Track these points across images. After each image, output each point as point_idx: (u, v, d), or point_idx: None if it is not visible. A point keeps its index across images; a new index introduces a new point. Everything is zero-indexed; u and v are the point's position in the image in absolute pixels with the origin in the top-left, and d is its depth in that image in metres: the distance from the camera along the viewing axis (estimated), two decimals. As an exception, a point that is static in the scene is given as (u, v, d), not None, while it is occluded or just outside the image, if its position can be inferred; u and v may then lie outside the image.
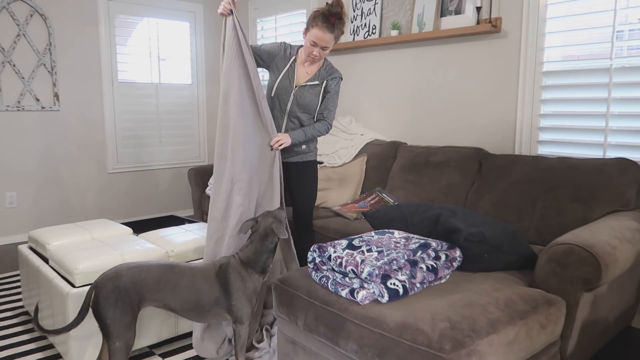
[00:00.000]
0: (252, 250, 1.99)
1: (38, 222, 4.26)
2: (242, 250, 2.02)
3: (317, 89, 2.54)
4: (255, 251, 1.98)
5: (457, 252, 1.89)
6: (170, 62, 4.90)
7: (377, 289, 1.63)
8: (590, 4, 2.65)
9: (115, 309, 1.76)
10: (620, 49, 2.57)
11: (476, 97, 3.15)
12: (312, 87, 2.54)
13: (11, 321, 2.64)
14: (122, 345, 1.77)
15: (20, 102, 4.06)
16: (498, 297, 1.64)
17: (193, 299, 1.90)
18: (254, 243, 2.00)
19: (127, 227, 2.80)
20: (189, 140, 5.12)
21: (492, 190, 2.65)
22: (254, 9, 4.85)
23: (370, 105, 3.83)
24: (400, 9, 3.50)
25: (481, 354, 1.39)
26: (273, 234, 2.00)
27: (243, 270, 1.97)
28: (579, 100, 2.71)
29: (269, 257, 2.01)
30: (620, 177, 2.29)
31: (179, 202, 5.11)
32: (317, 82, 2.54)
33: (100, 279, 1.81)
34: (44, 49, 4.14)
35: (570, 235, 1.84)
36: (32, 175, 4.19)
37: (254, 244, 1.99)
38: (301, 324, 1.83)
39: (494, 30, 2.94)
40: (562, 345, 1.78)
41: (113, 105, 4.55)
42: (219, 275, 1.95)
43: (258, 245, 1.99)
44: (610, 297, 2.00)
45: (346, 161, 3.49)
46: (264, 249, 1.99)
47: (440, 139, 3.38)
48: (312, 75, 2.55)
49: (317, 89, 2.54)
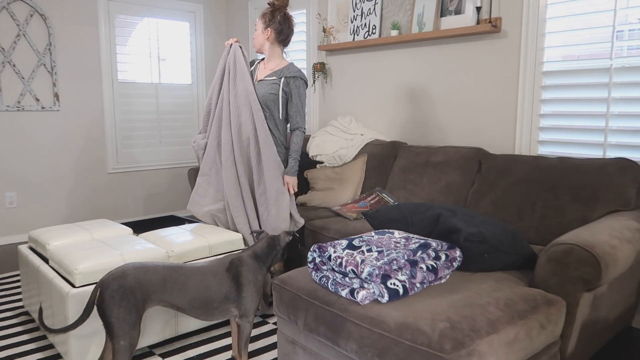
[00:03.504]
0: (265, 245, 2.16)
1: (38, 222, 4.26)
2: (255, 245, 2.17)
3: (274, 85, 2.69)
4: (267, 246, 2.16)
5: (457, 252, 1.89)
6: (170, 62, 4.90)
7: (377, 289, 1.63)
8: (590, 4, 2.65)
9: (120, 308, 1.77)
10: (620, 49, 2.57)
11: (476, 97, 3.15)
12: (269, 82, 2.70)
13: (11, 321, 2.64)
14: (126, 344, 1.78)
15: (20, 102, 4.06)
16: (498, 297, 1.64)
17: (202, 297, 1.94)
18: (266, 239, 2.18)
19: (127, 227, 2.80)
20: (189, 140, 5.12)
21: (492, 190, 2.65)
22: (253, 9, 4.85)
23: (370, 105, 3.83)
24: (400, 9, 3.50)
25: (481, 354, 1.39)
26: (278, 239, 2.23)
27: (255, 263, 2.09)
28: (579, 100, 2.71)
29: (275, 258, 2.18)
30: (620, 177, 2.29)
31: (179, 202, 5.12)
32: (274, 77, 2.70)
33: (106, 277, 1.82)
34: (44, 49, 4.14)
35: (570, 235, 1.84)
36: (32, 175, 4.19)
37: (265, 240, 2.18)
38: (301, 324, 1.83)
39: (494, 30, 2.94)
40: (562, 345, 1.78)
41: (113, 105, 4.55)
42: (230, 270, 2.03)
43: (270, 243, 2.18)
44: (610, 297, 2.00)
45: (346, 161, 3.49)
46: (272, 249, 2.17)
47: (440, 139, 3.38)
48: (270, 72, 2.73)
49: (275, 85, 2.69)
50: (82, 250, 2.26)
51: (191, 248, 2.46)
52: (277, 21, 2.70)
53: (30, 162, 4.17)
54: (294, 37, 4.32)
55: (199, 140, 2.83)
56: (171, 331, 2.34)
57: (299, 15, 4.33)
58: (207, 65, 5.15)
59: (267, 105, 2.70)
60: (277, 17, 2.70)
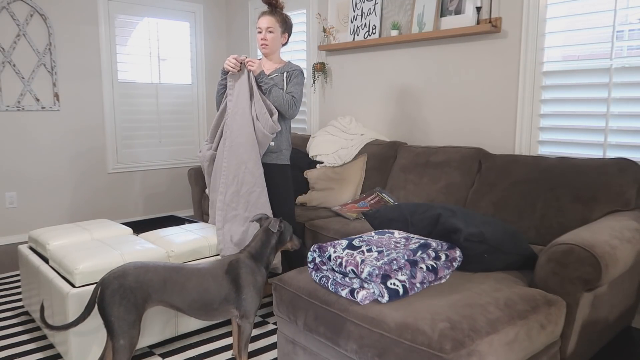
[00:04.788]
0: (259, 243, 2.12)
1: (38, 222, 4.26)
2: (249, 245, 2.13)
3: (279, 81, 2.68)
4: (261, 244, 2.11)
5: (457, 252, 1.89)
6: (170, 62, 4.91)
7: (377, 289, 1.63)
8: (590, 4, 2.65)
9: (120, 307, 1.78)
10: (620, 49, 2.57)
11: (476, 97, 3.15)
12: (274, 78, 2.68)
13: (11, 321, 2.64)
14: (126, 344, 1.78)
15: (20, 102, 4.06)
16: (498, 297, 1.64)
17: (201, 299, 1.94)
18: (259, 237, 2.14)
19: (127, 227, 2.80)
20: (189, 140, 5.12)
21: (492, 190, 2.65)
22: (253, 9, 4.85)
23: (371, 105, 3.83)
24: (400, 9, 3.50)
25: (481, 354, 1.39)
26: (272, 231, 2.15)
27: (253, 264, 2.07)
28: (579, 100, 2.71)
29: (272, 253, 2.14)
30: (620, 177, 2.29)
31: (179, 202, 5.12)
32: (277, 74, 2.69)
33: (107, 276, 1.83)
34: (44, 49, 4.14)
35: (570, 235, 1.84)
36: (32, 175, 4.19)
37: (259, 238, 2.13)
38: (301, 324, 1.83)
39: (494, 30, 2.94)
40: (562, 345, 1.78)
41: (113, 105, 4.55)
42: (229, 272, 2.02)
43: (264, 239, 2.13)
44: (610, 297, 2.00)
45: (346, 161, 3.49)
46: (268, 244, 2.12)
47: (440, 139, 3.38)
48: (272, 70, 2.72)
49: (279, 80, 2.68)
50: (82, 250, 2.26)
51: (191, 248, 2.46)
52: (290, 25, 2.73)
53: (31, 162, 4.17)
54: (294, 37, 4.33)
55: (205, 151, 2.78)
56: (171, 331, 2.34)
57: (299, 15, 4.33)
58: (207, 65, 5.15)
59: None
60: (288, 21, 2.71)
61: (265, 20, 2.65)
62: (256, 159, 2.60)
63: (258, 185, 2.60)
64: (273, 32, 2.66)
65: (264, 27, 2.65)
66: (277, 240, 2.15)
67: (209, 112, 5.20)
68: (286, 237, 2.19)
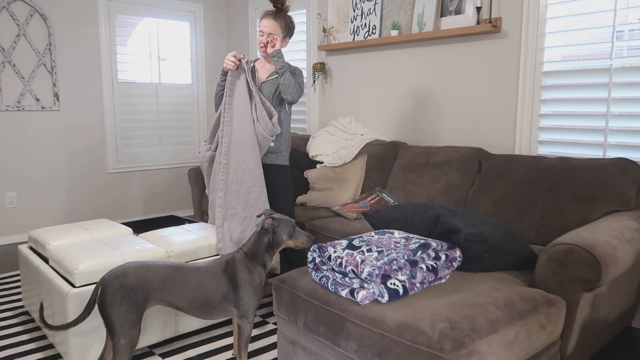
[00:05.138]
0: (252, 242, 2.10)
1: (38, 222, 4.26)
2: (245, 244, 2.12)
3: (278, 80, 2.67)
4: (254, 243, 2.09)
5: (457, 252, 1.89)
6: (170, 62, 4.90)
7: (377, 289, 1.63)
8: (590, 4, 2.65)
9: (120, 306, 1.78)
10: (620, 49, 2.57)
11: (476, 97, 3.15)
12: (273, 80, 2.66)
13: (11, 321, 2.64)
14: (126, 343, 1.79)
15: (20, 102, 4.05)
16: (498, 297, 1.64)
17: (201, 298, 1.94)
18: (253, 237, 2.12)
19: (127, 227, 2.80)
20: (189, 140, 5.12)
21: (492, 190, 2.64)
22: (253, 9, 4.85)
23: (370, 105, 3.83)
24: (400, 9, 3.50)
25: (481, 354, 1.39)
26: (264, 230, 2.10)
27: (249, 262, 2.05)
28: (579, 100, 2.71)
29: (265, 252, 2.09)
30: (620, 177, 2.29)
31: (179, 202, 5.12)
32: (276, 75, 2.64)
33: (108, 276, 1.83)
34: (44, 49, 4.14)
35: (570, 235, 1.84)
36: (32, 175, 4.19)
37: (253, 237, 2.12)
38: (301, 324, 1.83)
39: (494, 30, 2.94)
40: (562, 345, 1.78)
41: (113, 105, 4.55)
42: (227, 270, 2.01)
43: (257, 238, 2.10)
44: (610, 297, 2.00)
45: (346, 161, 3.49)
46: (260, 243, 2.09)
47: (440, 139, 3.38)
48: (272, 71, 2.69)
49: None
50: (82, 250, 2.26)
51: (191, 248, 2.46)
52: (292, 29, 2.71)
53: (31, 162, 4.17)
54: (294, 37, 4.33)
55: (204, 152, 2.76)
56: (171, 331, 2.34)
57: (299, 15, 4.33)
58: (207, 65, 5.15)
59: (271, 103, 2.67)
60: (291, 25, 2.69)
61: (268, 24, 2.61)
62: (257, 159, 2.60)
63: (257, 186, 2.60)
64: (276, 38, 2.62)
65: (266, 32, 2.61)
66: (272, 239, 2.07)
67: (208, 112, 5.20)
68: (282, 236, 2.07)
